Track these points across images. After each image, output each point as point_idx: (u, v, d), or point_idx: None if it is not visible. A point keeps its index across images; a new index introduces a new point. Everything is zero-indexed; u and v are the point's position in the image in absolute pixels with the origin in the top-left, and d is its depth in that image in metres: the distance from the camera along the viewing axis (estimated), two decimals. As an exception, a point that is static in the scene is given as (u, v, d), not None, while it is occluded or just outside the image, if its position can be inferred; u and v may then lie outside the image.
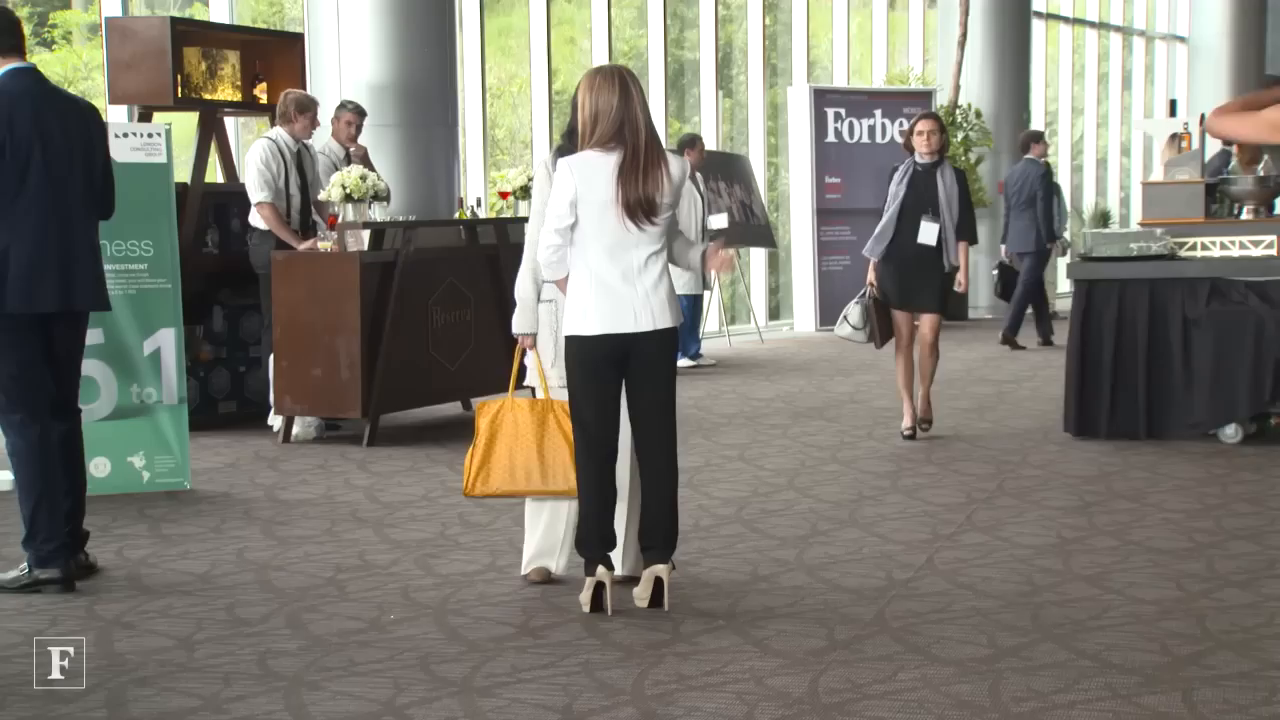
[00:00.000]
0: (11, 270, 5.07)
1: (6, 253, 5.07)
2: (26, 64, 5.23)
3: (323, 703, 4.01)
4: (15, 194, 5.08)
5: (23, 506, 5.20)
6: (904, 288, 8.18)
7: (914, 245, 8.13)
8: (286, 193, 8.59)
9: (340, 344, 8.18)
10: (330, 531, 6.17)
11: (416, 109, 9.83)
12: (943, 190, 8.18)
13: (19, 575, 5.16)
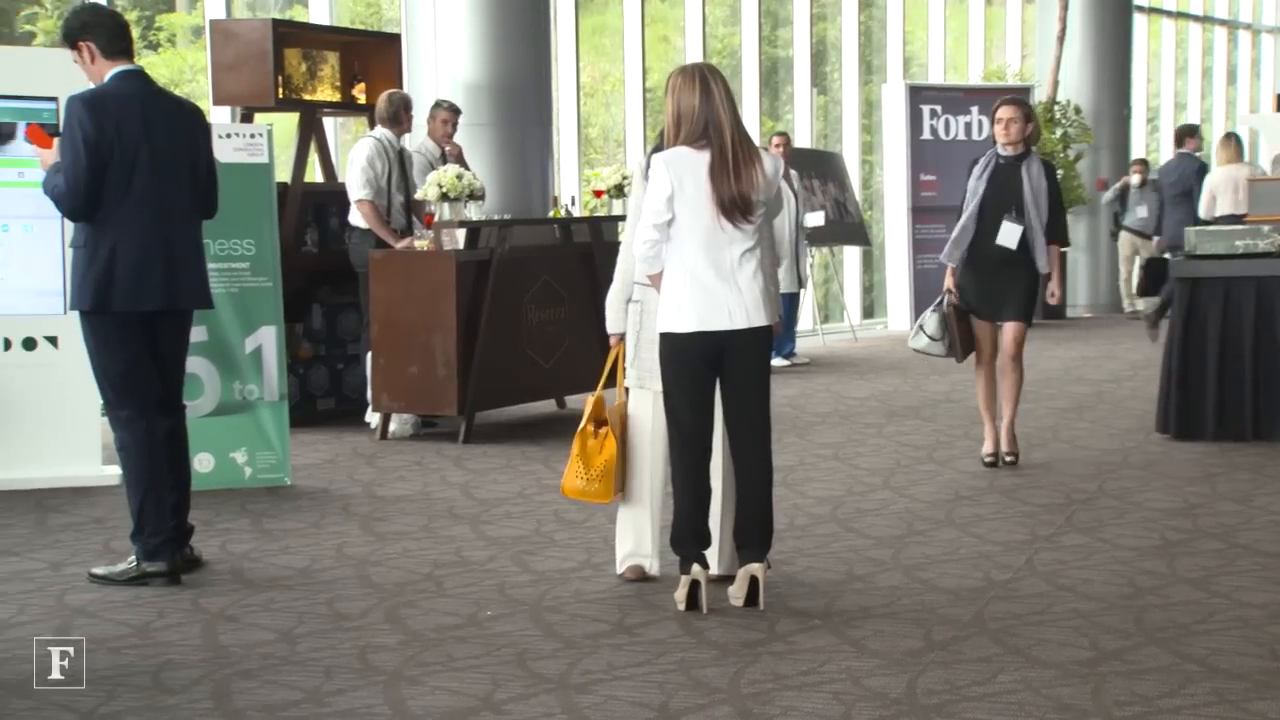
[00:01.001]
0: (118, 269, 5.18)
1: (113, 252, 5.18)
2: (134, 66, 5.33)
3: (421, 697, 4.05)
4: (123, 194, 5.19)
5: (130, 501, 5.30)
6: (985, 295, 7.34)
7: (995, 247, 7.30)
8: (389, 192, 8.67)
9: (436, 342, 8.25)
10: (427, 528, 6.22)
11: (511, 108, 9.89)
12: (1028, 186, 7.27)
13: (127, 568, 5.26)
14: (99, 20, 5.28)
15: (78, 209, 5.17)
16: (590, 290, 8.98)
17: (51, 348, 7.09)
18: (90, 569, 5.35)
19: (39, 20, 11.01)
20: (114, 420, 5.34)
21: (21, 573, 5.41)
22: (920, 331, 7.46)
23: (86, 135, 5.11)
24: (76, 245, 5.25)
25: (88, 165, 5.11)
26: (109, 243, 5.18)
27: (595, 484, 5.20)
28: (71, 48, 5.31)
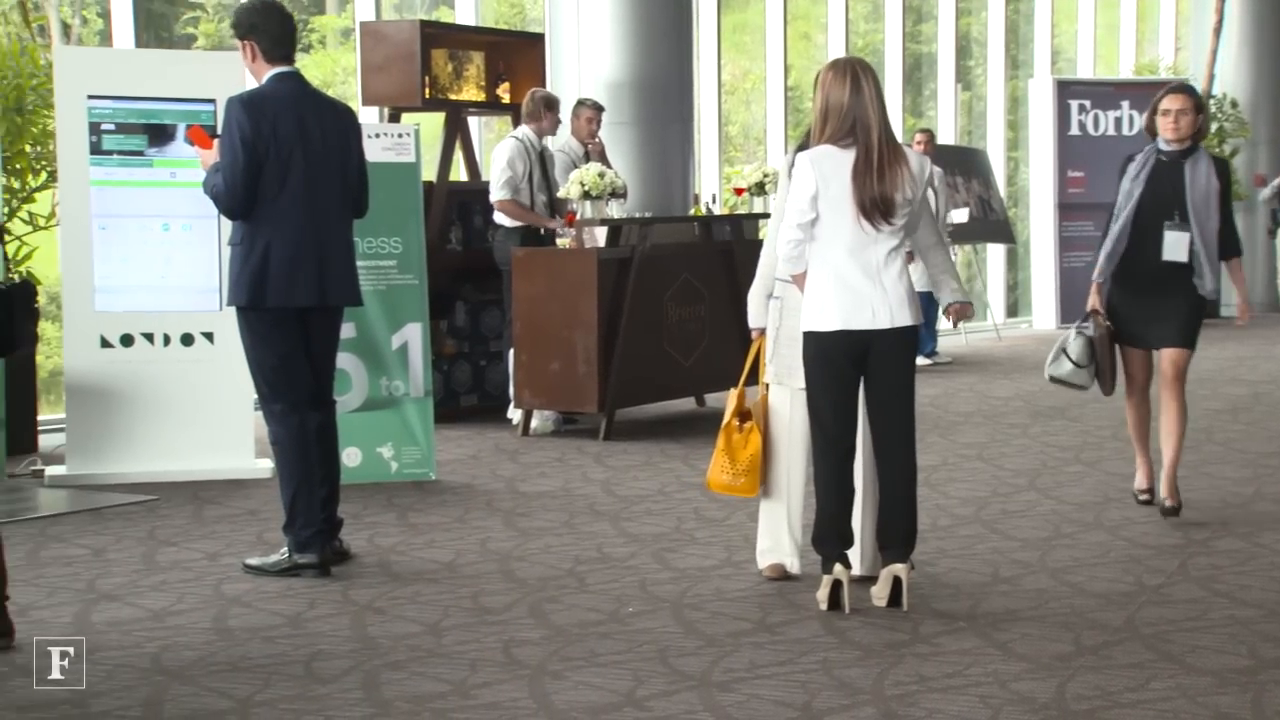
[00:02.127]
0: (272, 267, 5.31)
1: (268, 250, 5.30)
2: (291, 68, 5.46)
3: (565, 692, 4.08)
4: (278, 193, 5.31)
5: (283, 494, 5.43)
6: (1140, 316, 6.23)
7: (1153, 259, 6.16)
8: (530, 192, 8.75)
9: (578, 339, 8.31)
10: (569, 524, 6.27)
11: (653, 106, 9.91)
12: (1195, 188, 6.16)
13: (279, 560, 5.39)
14: (267, 23, 5.40)
15: (234, 207, 5.31)
16: (730, 288, 8.97)
17: (208, 344, 7.29)
18: (244, 560, 5.48)
19: (200, 24, 11.32)
20: (268, 415, 5.47)
21: (180, 562, 5.57)
22: (1063, 356, 6.34)
23: (244, 135, 5.24)
24: (233, 243, 5.39)
25: (245, 165, 5.24)
26: (264, 240, 5.30)
27: (741, 478, 5.20)
28: (239, 40, 5.44)
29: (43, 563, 5.54)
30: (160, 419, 7.19)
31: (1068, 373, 6.35)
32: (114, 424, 7.14)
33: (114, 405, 7.15)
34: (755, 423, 5.20)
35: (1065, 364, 6.35)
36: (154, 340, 7.24)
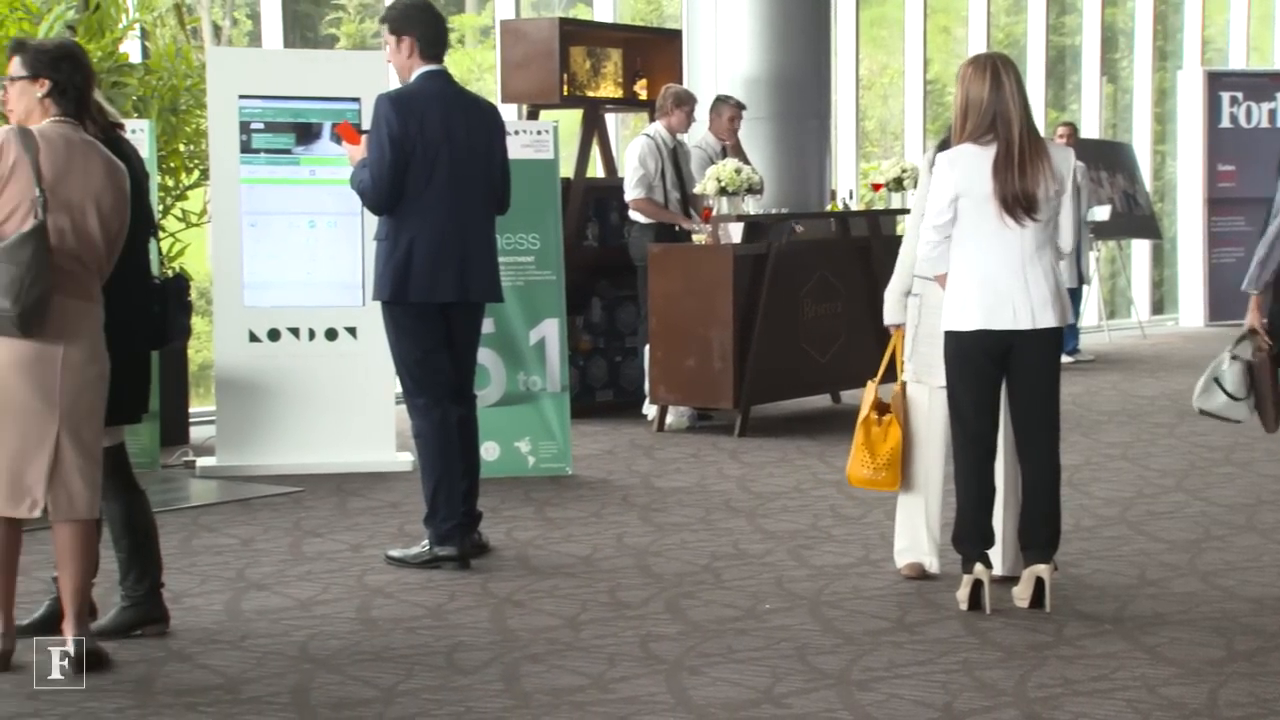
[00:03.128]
0: (416, 262, 5.40)
1: (412, 245, 5.39)
2: (440, 67, 5.55)
3: (703, 688, 4.09)
4: (423, 190, 5.40)
5: (424, 486, 5.51)
6: None
7: None
8: (664, 189, 8.77)
9: (714, 335, 8.31)
10: (705, 520, 6.28)
11: (790, 101, 9.87)
12: None
13: (420, 552, 5.47)
14: (425, 21, 5.50)
15: (380, 203, 5.41)
16: (867, 285, 8.90)
17: (351, 338, 7.43)
18: (387, 551, 5.58)
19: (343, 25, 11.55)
20: (411, 408, 5.55)
21: (325, 553, 5.69)
22: (1214, 387, 5.47)
23: (392, 132, 5.33)
24: (379, 238, 5.49)
25: (391, 161, 5.33)
26: (408, 236, 5.39)
27: (882, 472, 5.16)
28: (393, 35, 5.49)
29: (195, 551, 5.70)
30: (305, 412, 7.35)
31: (1220, 406, 5.47)
32: (261, 417, 7.32)
33: (261, 398, 7.33)
34: (894, 415, 5.17)
35: (1218, 396, 5.48)
36: (300, 335, 7.40)
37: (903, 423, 5.16)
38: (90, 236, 4.17)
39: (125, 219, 4.29)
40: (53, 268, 4.05)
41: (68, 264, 4.12)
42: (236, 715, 3.87)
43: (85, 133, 4.26)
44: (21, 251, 4.00)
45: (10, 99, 4.27)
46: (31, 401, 4.09)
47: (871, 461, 5.17)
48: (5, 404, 4.08)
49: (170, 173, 8.18)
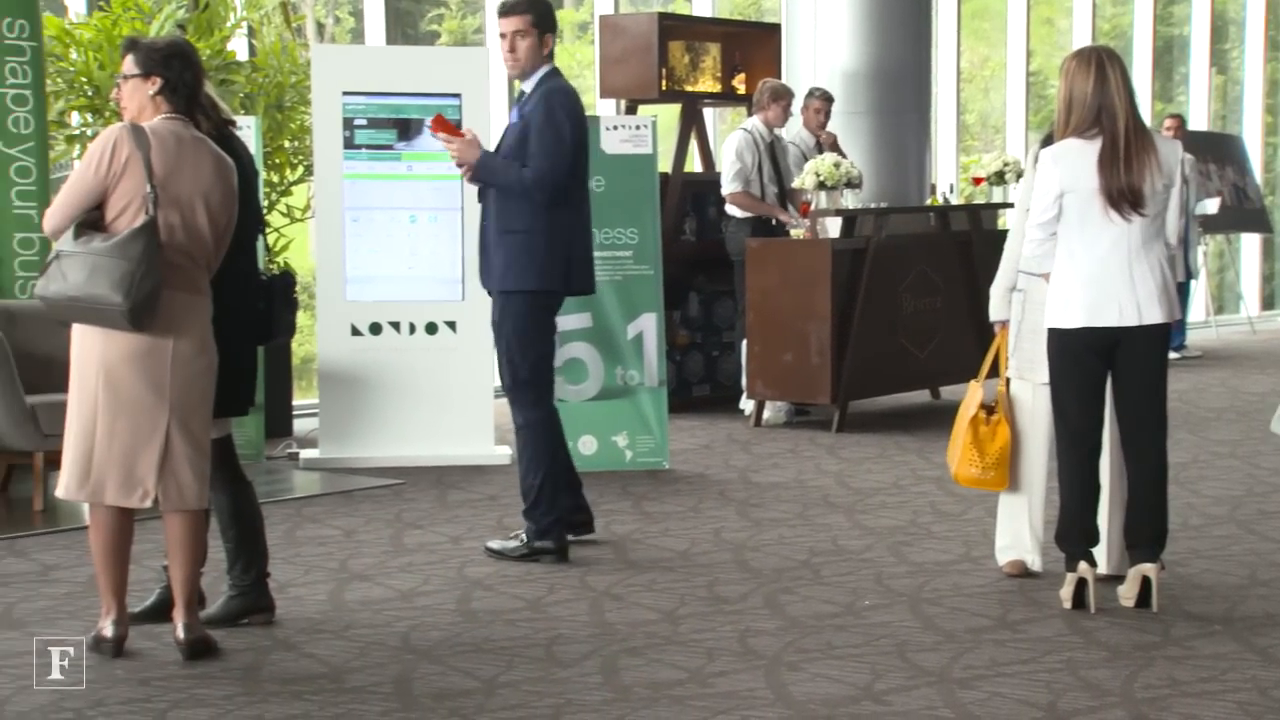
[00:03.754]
0: (576, 253, 5.50)
1: (571, 236, 5.47)
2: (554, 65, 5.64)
3: (802, 684, 4.07)
4: (580, 182, 5.53)
5: (529, 478, 5.52)
6: None
7: None
8: (761, 183, 8.74)
9: (811, 330, 8.27)
10: (803, 515, 6.25)
11: (889, 95, 9.79)
12: None
13: (518, 545, 5.51)
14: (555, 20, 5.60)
15: (557, 195, 5.39)
16: (966, 280, 8.81)
17: (451, 332, 7.49)
18: (486, 543, 5.62)
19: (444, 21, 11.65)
20: (525, 401, 5.53)
21: (425, 545, 5.75)
22: None
23: (575, 126, 5.41)
24: (521, 230, 5.41)
25: (571, 151, 5.39)
26: (566, 227, 5.43)
27: (991, 471, 5.10)
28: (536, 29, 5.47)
29: (299, 542, 5.79)
30: (406, 405, 7.42)
31: None
32: (363, 410, 7.41)
33: (363, 392, 7.42)
34: (1001, 415, 5.11)
35: None
36: (400, 329, 7.48)
37: (1010, 421, 5.10)
38: (199, 231, 4.25)
39: (233, 214, 4.37)
40: (163, 263, 4.13)
41: (177, 259, 4.20)
42: (341, 704, 3.92)
43: (195, 129, 4.34)
44: (133, 247, 4.08)
45: (124, 96, 4.35)
46: (143, 394, 4.17)
47: (980, 461, 5.11)
48: (117, 396, 4.17)
49: (275, 169, 8.31)
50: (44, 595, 4.99)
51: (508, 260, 5.43)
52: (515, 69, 5.49)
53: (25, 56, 7.13)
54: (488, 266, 5.50)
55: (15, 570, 5.34)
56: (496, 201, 5.45)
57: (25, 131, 7.14)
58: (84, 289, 4.07)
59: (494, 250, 5.45)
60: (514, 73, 5.52)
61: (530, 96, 5.46)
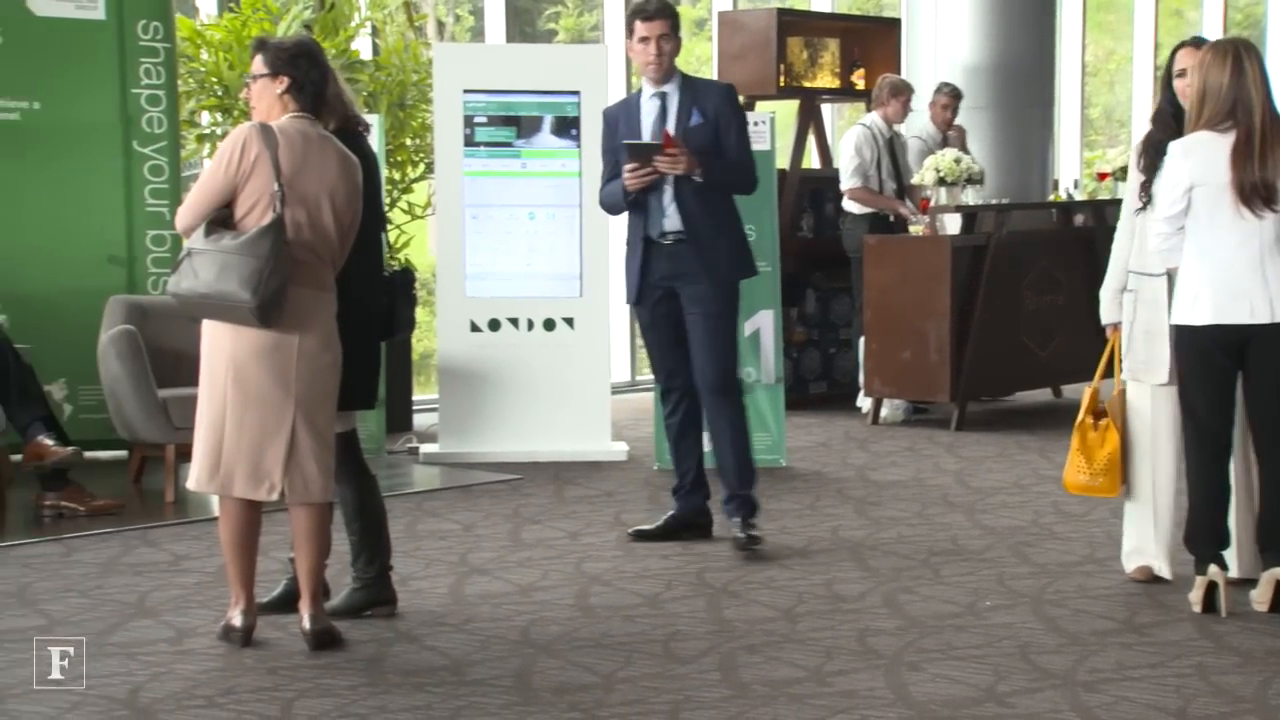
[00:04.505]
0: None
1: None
2: None
3: (923, 684, 4.04)
4: None
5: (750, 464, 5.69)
6: None
7: None
8: (879, 179, 8.68)
9: (930, 327, 8.19)
10: (921, 514, 6.19)
11: (1012, 90, 9.67)
12: None
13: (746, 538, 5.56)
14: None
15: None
16: (1090, 277, 8.59)
17: (568, 329, 7.53)
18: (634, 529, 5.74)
19: (561, 19, 11.73)
20: (736, 390, 5.70)
21: (544, 540, 5.79)
22: None
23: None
24: (731, 221, 5.62)
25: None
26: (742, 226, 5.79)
27: (1100, 478, 5.03)
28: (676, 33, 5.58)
29: (419, 536, 5.86)
30: (524, 401, 7.48)
31: None
32: (481, 405, 7.48)
33: (481, 387, 7.49)
34: (1111, 420, 5.02)
35: None
36: (519, 325, 7.54)
37: (1120, 426, 5.01)
38: (325, 229, 4.32)
39: (358, 212, 4.43)
40: (289, 260, 4.20)
41: (303, 255, 4.27)
42: (462, 696, 3.97)
43: (322, 128, 4.41)
44: (260, 244, 4.15)
45: (253, 96, 4.44)
46: (270, 388, 4.25)
47: (1088, 467, 5.03)
48: (245, 391, 4.25)
49: (397, 166, 8.42)
50: (175, 584, 5.12)
51: (732, 250, 5.61)
52: (659, 71, 5.53)
53: (159, 58, 7.32)
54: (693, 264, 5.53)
55: (148, 560, 5.48)
56: (699, 197, 5.50)
57: (158, 131, 7.32)
58: (214, 286, 4.15)
59: (707, 245, 5.53)
60: (657, 74, 5.54)
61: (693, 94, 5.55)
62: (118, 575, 5.24)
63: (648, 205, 5.54)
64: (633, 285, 5.62)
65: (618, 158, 5.56)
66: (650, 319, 5.66)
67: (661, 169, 5.43)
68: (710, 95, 5.59)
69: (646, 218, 5.55)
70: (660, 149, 5.42)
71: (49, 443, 6.09)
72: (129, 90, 7.26)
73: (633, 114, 5.61)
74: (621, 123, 5.61)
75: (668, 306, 5.61)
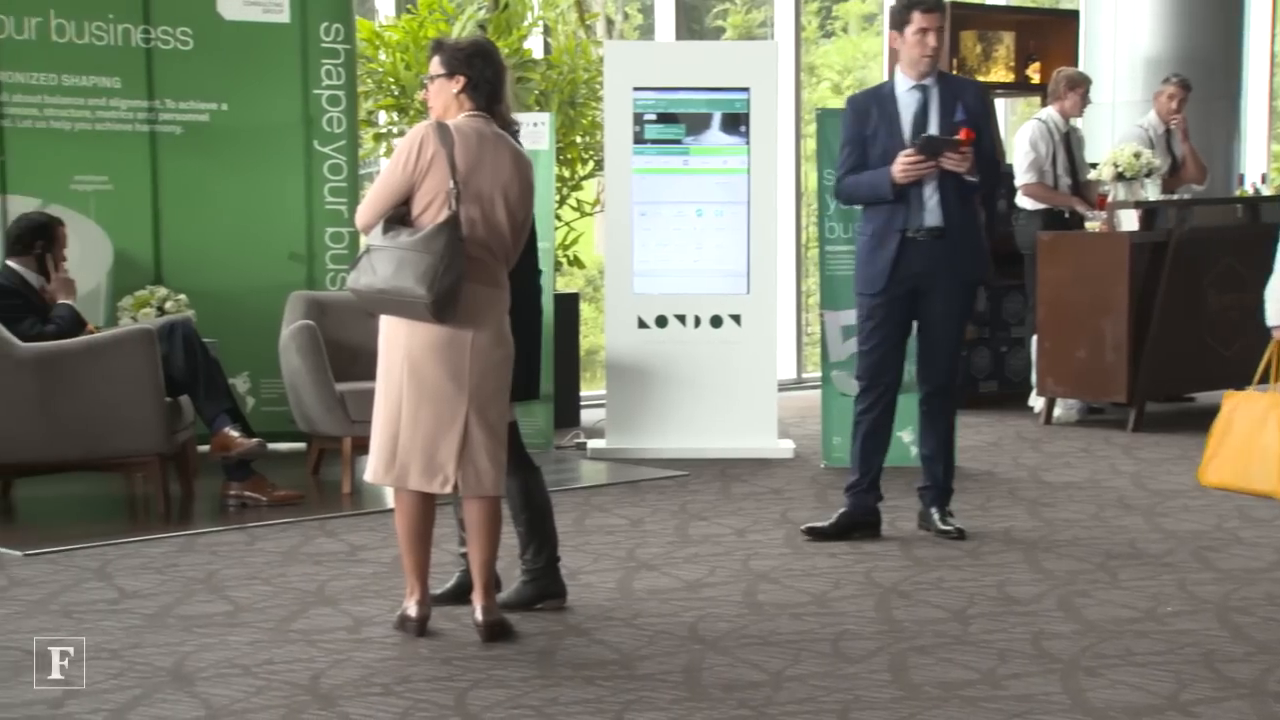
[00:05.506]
0: None
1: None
2: None
3: (1101, 690, 3.94)
4: None
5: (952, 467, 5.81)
6: None
7: None
8: (1054, 175, 8.50)
9: (1106, 326, 8.00)
10: (1097, 516, 6.05)
11: (1196, 83, 9.35)
12: None
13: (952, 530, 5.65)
14: None
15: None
16: (1279, 274, 8.35)
17: (735, 326, 7.53)
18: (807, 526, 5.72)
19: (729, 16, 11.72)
20: (956, 388, 5.76)
21: (710, 536, 5.79)
22: None
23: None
24: (978, 217, 5.65)
25: None
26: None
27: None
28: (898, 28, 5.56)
29: (588, 530, 5.91)
30: (690, 398, 7.49)
31: None
32: (648, 401, 7.51)
33: (648, 383, 7.52)
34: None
35: None
36: (686, 322, 7.55)
37: None
38: (498, 226, 4.37)
39: (530, 209, 4.48)
40: (464, 256, 4.27)
41: (477, 252, 4.33)
42: (631, 690, 3.98)
43: (496, 126, 4.46)
44: (436, 241, 4.22)
45: (430, 95, 4.52)
46: (444, 383, 4.32)
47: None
48: (421, 386, 4.32)
49: (566, 164, 8.50)
50: (352, 574, 5.24)
51: (979, 250, 5.64)
52: (932, 64, 5.52)
53: (340, 59, 7.50)
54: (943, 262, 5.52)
55: (326, 550, 5.62)
56: (958, 195, 5.50)
57: (338, 131, 7.51)
58: (391, 282, 4.23)
59: (960, 243, 5.53)
60: (929, 68, 5.52)
61: (952, 90, 5.56)
62: (298, 564, 5.39)
63: (907, 199, 5.49)
64: (879, 277, 5.55)
65: (866, 147, 5.55)
66: (885, 314, 5.59)
67: (947, 165, 5.40)
68: (968, 91, 5.60)
69: (906, 212, 5.50)
70: (957, 145, 5.39)
71: (234, 434, 6.29)
72: (311, 91, 7.46)
73: (887, 105, 5.57)
74: (875, 113, 5.57)
75: (904, 304, 5.57)
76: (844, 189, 5.68)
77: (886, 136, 5.52)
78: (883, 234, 5.54)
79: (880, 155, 5.50)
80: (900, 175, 5.42)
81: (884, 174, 5.46)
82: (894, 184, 5.44)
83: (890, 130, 5.50)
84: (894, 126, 5.50)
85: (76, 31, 7.17)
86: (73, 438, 6.10)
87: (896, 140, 5.50)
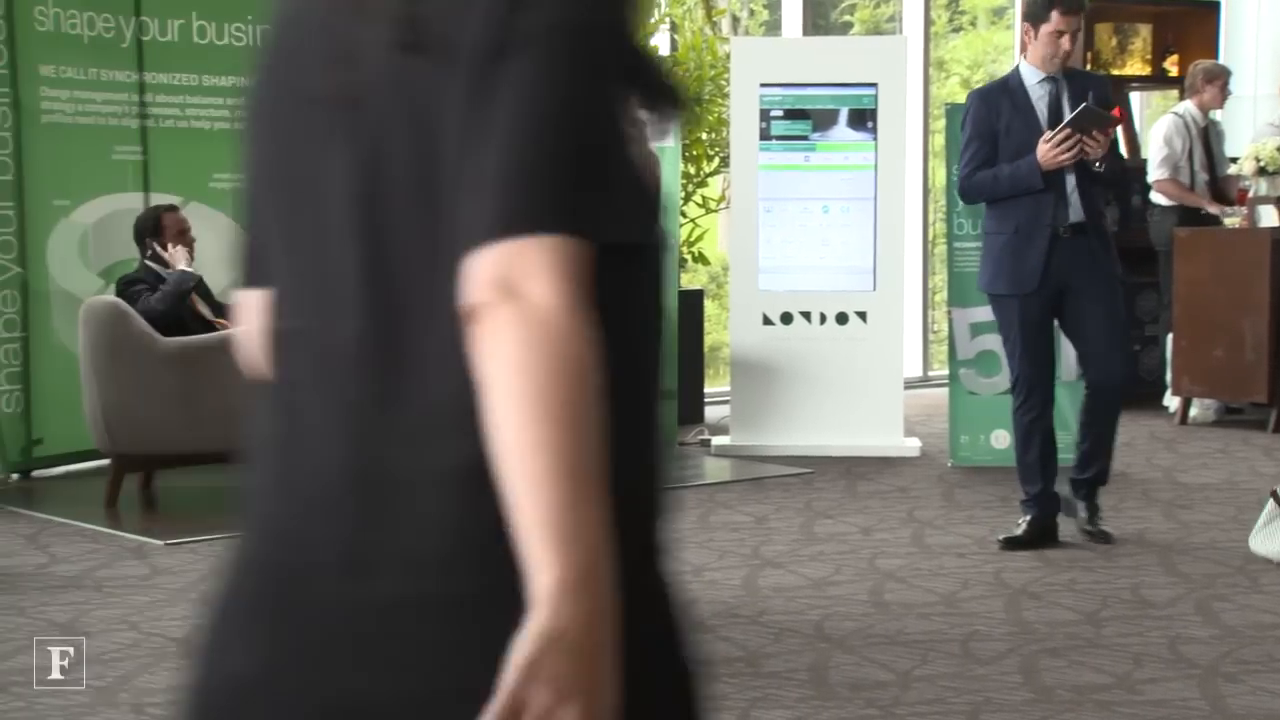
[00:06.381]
0: None
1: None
2: None
3: (1241, 696, 3.84)
4: None
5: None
6: None
7: None
8: (1190, 171, 8.31)
9: (1245, 324, 7.79)
10: (1236, 519, 5.89)
11: (1340, 73, 9.11)
12: None
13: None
14: None
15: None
16: None
17: (861, 323, 7.46)
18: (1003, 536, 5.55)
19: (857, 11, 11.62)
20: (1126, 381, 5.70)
21: (836, 534, 5.75)
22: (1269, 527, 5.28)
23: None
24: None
25: None
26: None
27: None
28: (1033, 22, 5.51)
29: (712, 527, 5.90)
30: (815, 395, 7.44)
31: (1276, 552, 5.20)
32: (773, 398, 7.47)
33: (773, 380, 7.48)
34: None
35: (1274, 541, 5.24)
36: (811, 318, 7.50)
37: None
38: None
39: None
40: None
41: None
42: (758, 688, 3.97)
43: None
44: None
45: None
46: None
47: None
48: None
49: (692, 160, 8.49)
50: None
51: (1113, 245, 5.56)
52: (1062, 64, 5.46)
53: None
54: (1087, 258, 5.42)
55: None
56: (1093, 189, 5.44)
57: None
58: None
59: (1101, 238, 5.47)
60: (1062, 66, 5.46)
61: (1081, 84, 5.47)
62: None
63: (1052, 193, 5.40)
64: (1032, 276, 5.41)
65: (996, 141, 5.46)
66: (1040, 314, 5.47)
67: (1089, 148, 5.28)
68: (1095, 85, 5.53)
69: (1053, 206, 5.39)
70: (1111, 121, 5.33)
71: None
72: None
73: (1018, 97, 5.48)
74: (1007, 105, 5.48)
75: (1052, 303, 5.47)
76: (974, 185, 5.55)
77: (1023, 128, 5.41)
78: (1029, 230, 5.40)
79: (1015, 149, 5.40)
80: (1047, 158, 5.32)
81: (1028, 164, 5.34)
82: (1043, 172, 5.35)
83: (1027, 122, 5.40)
84: (1030, 118, 5.40)
85: (217, 33, 7.33)
86: (212, 430, 6.23)
87: (1035, 131, 5.39)
